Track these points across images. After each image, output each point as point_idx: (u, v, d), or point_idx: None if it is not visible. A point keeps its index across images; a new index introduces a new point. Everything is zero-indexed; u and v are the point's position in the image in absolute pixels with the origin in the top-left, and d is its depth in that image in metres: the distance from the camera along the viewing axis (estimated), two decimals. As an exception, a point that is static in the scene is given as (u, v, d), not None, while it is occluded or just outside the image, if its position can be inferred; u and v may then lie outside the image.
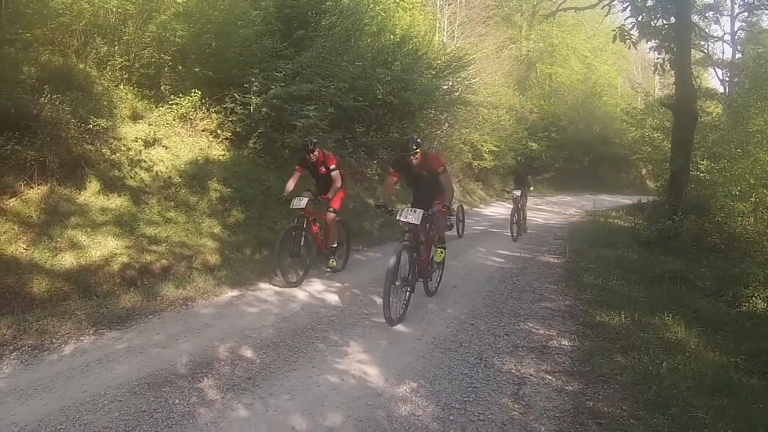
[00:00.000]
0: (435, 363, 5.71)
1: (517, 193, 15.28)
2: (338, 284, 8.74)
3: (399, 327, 6.82)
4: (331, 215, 9.05)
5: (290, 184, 9.03)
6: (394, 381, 5.22)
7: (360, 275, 9.38)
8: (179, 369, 5.30)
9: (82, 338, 5.97)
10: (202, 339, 6.12)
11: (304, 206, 8.62)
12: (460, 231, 15.22)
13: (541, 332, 6.87)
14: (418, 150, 7.38)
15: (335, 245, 9.36)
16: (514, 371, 5.59)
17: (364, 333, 6.61)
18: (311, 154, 8.88)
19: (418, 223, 7.09)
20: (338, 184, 9.09)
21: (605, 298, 8.26)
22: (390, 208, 7.65)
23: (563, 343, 6.49)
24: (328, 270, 9.31)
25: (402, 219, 7.14)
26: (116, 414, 4.38)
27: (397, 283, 6.76)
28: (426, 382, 5.21)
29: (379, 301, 7.95)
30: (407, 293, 7.17)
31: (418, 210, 7.16)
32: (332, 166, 9.08)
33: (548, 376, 5.49)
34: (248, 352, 5.76)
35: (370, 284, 8.85)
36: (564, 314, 7.69)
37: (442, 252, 8.07)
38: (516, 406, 4.82)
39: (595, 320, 7.25)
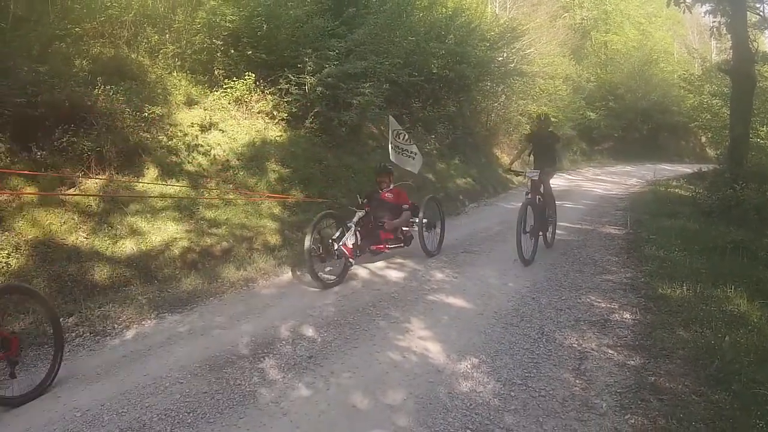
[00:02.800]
0: (496, 338, 5.58)
1: (534, 175, 9.00)
2: (399, 260, 8.53)
3: (460, 302, 6.68)
4: None
5: None
6: (455, 357, 5.11)
7: (421, 250, 9.03)
8: (240, 350, 5.26)
9: (143, 323, 5.93)
10: (263, 319, 6.08)
11: None
12: (430, 245, 9.05)
13: (603, 305, 6.61)
14: None
15: None
16: (575, 346, 5.42)
17: (426, 309, 6.47)
18: None
19: None
20: None
21: (667, 269, 7.81)
22: None
23: (625, 316, 6.24)
24: None
25: None
26: (177, 396, 4.35)
27: None
28: (487, 358, 5.09)
29: (440, 275, 7.81)
30: None
31: None
32: None
33: (610, 351, 5.29)
34: (309, 331, 5.72)
35: (432, 259, 8.72)
36: (626, 287, 7.37)
37: None
38: (577, 381, 4.66)
39: (657, 293, 6.90)
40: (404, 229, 8.87)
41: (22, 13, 7.87)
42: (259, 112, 11.45)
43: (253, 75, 11.26)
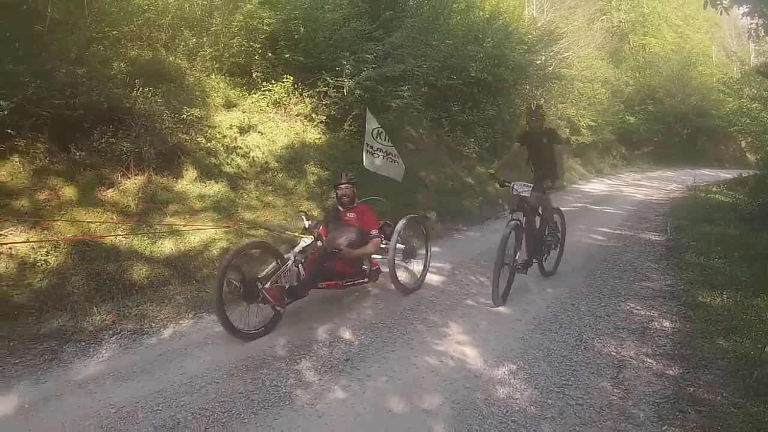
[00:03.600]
0: (534, 345, 5.46)
1: (524, 190, 6.91)
2: (438, 264, 8.28)
3: (498, 307, 6.52)
4: None
5: None
6: (492, 363, 5.02)
7: (460, 254, 8.97)
8: (277, 351, 5.21)
9: (181, 322, 5.81)
10: (300, 321, 5.97)
11: None
12: (406, 279, 7.31)
13: (642, 313, 6.43)
14: None
15: None
16: (614, 354, 5.28)
17: (464, 314, 6.37)
18: None
19: None
20: None
21: (707, 277, 7.56)
22: None
23: (664, 324, 6.04)
24: None
25: None
26: (213, 396, 4.29)
27: None
28: (525, 365, 4.99)
29: (479, 280, 7.66)
30: None
31: None
32: None
33: (649, 360, 5.14)
34: (347, 334, 5.65)
35: (471, 263, 8.52)
36: (665, 294, 7.13)
37: None
38: (615, 390, 4.55)
39: (696, 301, 6.68)
40: (375, 257, 6.93)
41: (60, 17, 7.84)
42: (297, 115, 11.34)
43: (291, 78, 11.16)
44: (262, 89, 11.00)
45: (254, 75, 11.25)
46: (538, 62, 21.60)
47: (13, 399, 4.22)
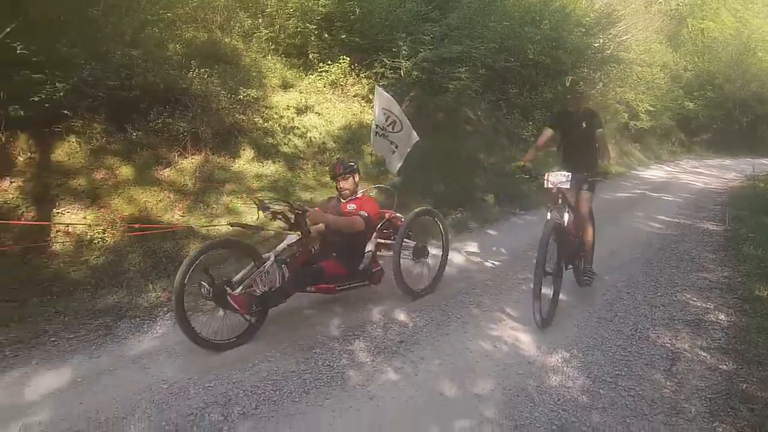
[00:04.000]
0: (589, 333, 5.30)
1: (564, 181, 5.46)
2: (494, 247, 8.09)
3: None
4: None
5: None
6: (546, 350, 4.88)
7: (517, 238, 8.65)
8: (331, 331, 5.11)
9: None
10: (355, 301, 5.81)
11: None
12: (414, 281, 5.99)
13: (698, 304, 6.17)
14: None
15: None
16: (668, 345, 5.09)
17: (519, 299, 6.11)
18: None
19: None
20: None
21: (765, 270, 7.15)
22: None
23: (720, 317, 5.78)
24: None
25: None
26: (264, 374, 4.26)
27: None
28: (579, 353, 4.84)
29: (534, 265, 7.13)
30: None
31: None
32: None
33: (703, 353, 4.94)
34: (401, 315, 5.51)
35: (527, 248, 8.06)
36: (722, 286, 6.81)
37: None
38: (668, 383, 4.39)
39: (753, 294, 6.35)
40: (378, 252, 5.90)
41: (114, 1, 7.72)
42: (354, 96, 11.19)
43: (348, 59, 11.00)
44: (319, 70, 10.86)
45: (310, 56, 11.09)
46: (596, 45, 20.84)
47: (67, 373, 4.16)
